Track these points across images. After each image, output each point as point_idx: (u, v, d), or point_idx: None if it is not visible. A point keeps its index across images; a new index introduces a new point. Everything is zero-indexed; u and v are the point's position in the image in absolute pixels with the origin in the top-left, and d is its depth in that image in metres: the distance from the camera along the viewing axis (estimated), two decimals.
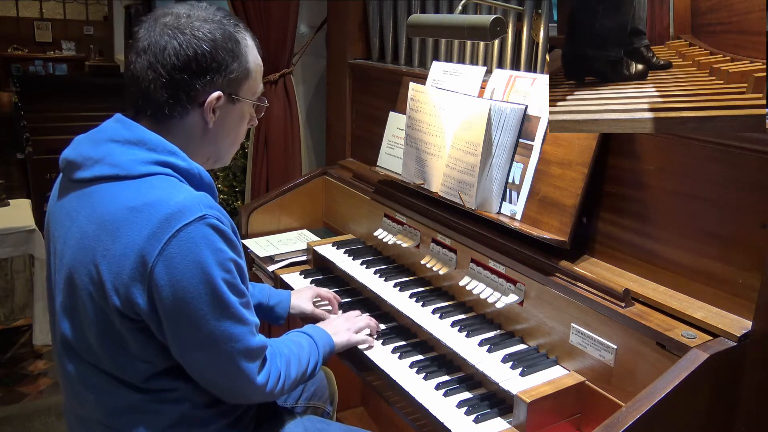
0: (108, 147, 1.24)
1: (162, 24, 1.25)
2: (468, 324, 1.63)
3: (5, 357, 3.41)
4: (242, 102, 1.34)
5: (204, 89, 1.26)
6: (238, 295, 1.24)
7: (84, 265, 1.21)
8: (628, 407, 1.11)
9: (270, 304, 1.76)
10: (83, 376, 1.30)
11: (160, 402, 1.28)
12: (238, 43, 1.29)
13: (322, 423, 1.57)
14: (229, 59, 1.27)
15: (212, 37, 1.25)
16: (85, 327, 1.25)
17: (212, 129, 1.32)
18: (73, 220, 1.25)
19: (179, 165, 1.25)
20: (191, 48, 1.23)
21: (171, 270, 1.16)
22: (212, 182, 1.32)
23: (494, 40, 1.65)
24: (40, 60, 10.45)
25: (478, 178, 1.66)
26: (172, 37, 1.23)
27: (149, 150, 1.23)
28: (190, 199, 1.19)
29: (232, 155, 1.43)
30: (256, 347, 1.29)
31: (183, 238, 1.16)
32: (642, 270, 1.44)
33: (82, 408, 1.33)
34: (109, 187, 1.22)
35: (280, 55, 2.72)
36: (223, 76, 1.27)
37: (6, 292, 3.96)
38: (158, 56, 1.23)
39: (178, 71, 1.23)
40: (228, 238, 1.22)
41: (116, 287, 1.18)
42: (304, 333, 1.54)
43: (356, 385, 2.58)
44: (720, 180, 1.27)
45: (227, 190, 3.56)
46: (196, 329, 1.20)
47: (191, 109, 1.28)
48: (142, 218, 1.17)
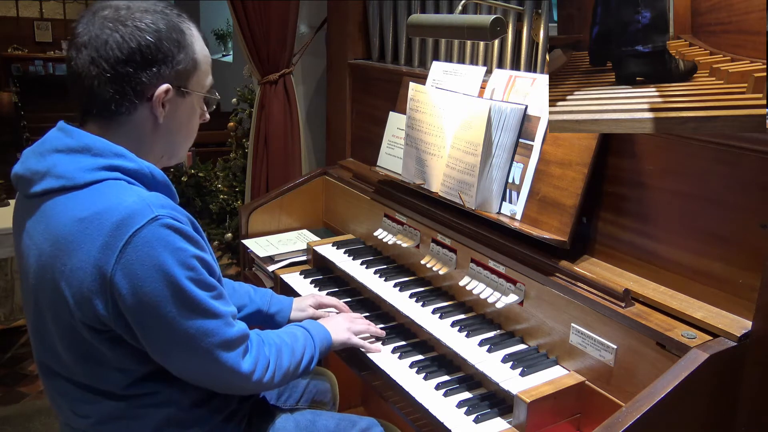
0: (53, 158, 1.20)
1: (101, 17, 1.20)
2: (468, 324, 1.63)
3: (5, 357, 3.41)
4: (192, 95, 1.29)
5: (151, 82, 1.21)
6: (207, 289, 1.21)
7: (45, 283, 1.20)
8: (628, 407, 1.11)
9: (270, 312, 1.72)
10: (63, 392, 1.29)
11: (144, 407, 1.27)
12: (183, 33, 1.24)
13: (313, 414, 1.56)
14: (175, 50, 1.23)
15: (156, 27, 1.20)
16: (57, 345, 1.24)
17: (163, 124, 1.26)
18: (32, 238, 1.22)
19: (128, 167, 1.21)
20: (134, 40, 1.18)
21: (131, 278, 1.13)
22: (166, 179, 1.28)
23: (494, 40, 1.65)
24: (40, 60, 10.43)
25: (478, 178, 1.66)
26: (113, 29, 1.18)
27: (94, 155, 1.19)
28: (139, 202, 1.15)
29: (186, 151, 1.38)
30: (235, 337, 1.26)
31: (138, 243, 1.13)
32: (642, 270, 1.44)
33: (68, 419, 1.33)
34: (58, 200, 1.18)
35: (280, 55, 2.72)
36: (170, 67, 1.22)
37: (6, 292, 3.96)
38: (100, 50, 1.18)
39: (123, 64, 1.18)
40: (187, 235, 1.18)
41: (78, 301, 1.16)
42: (300, 326, 1.53)
43: (356, 385, 2.58)
44: (720, 180, 1.27)
45: (227, 190, 3.56)
46: (168, 331, 1.18)
47: (139, 104, 1.23)
48: (93, 229, 1.13)
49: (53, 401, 1.34)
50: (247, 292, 1.72)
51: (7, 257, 3.47)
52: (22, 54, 10.23)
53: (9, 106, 7.91)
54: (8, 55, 10.06)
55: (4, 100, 8.21)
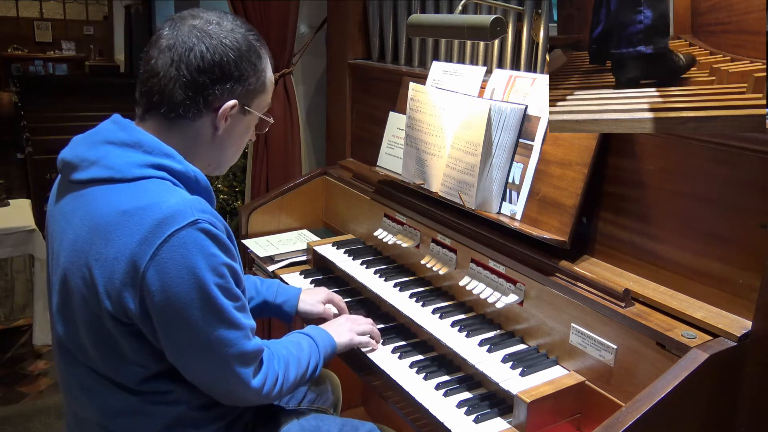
0: (104, 149, 1.24)
1: (190, 25, 1.25)
2: (468, 324, 1.63)
3: (5, 357, 3.41)
4: (252, 114, 1.36)
5: (222, 96, 1.27)
6: (232, 299, 1.24)
7: (77, 267, 1.21)
8: (628, 407, 1.11)
9: (277, 302, 1.73)
10: (79, 378, 1.30)
11: (156, 404, 1.28)
12: (260, 58, 1.32)
13: (317, 419, 1.57)
14: (250, 71, 1.30)
15: (239, 47, 1.27)
16: (80, 329, 1.25)
17: (220, 136, 1.32)
18: (69, 221, 1.25)
19: (175, 168, 1.25)
20: (218, 54, 1.24)
21: (163, 276, 1.15)
22: (209, 185, 1.32)
23: (494, 40, 1.65)
24: (40, 60, 10.44)
25: (478, 178, 1.66)
26: (200, 39, 1.24)
27: (145, 152, 1.23)
28: (182, 204, 1.18)
29: (230, 165, 1.44)
30: (251, 351, 1.28)
31: (174, 243, 1.15)
32: (642, 270, 1.44)
33: (79, 409, 1.33)
34: (103, 189, 1.22)
35: (280, 55, 2.72)
36: (242, 86, 1.29)
37: (6, 292, 3.96)
38: (183, 56, 1.23)
39: (201, 74, 1.24)
40: (221, 242, 1.21)
41: (108, 291, 1.18)
42: (304, 334, 1.54)
43: (356, 385, 2.58)
44: (720, 180, 1.27)
45: (227, 190, 3.56)
46: (189, 334, 1.20)
47: (205, 113, 1.28)
48: (133, 222, 1.16)
49: (66, 386, 1.35)
50: (254, 283, 1.74)
51: (7, 257, 3.47)
52: (22, 54, 10.24)
53: (9, 106, 7.92)
54: (8, 55, 10.07)
55: (4, 100, 8.21)
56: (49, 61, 10.44)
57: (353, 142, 2.59)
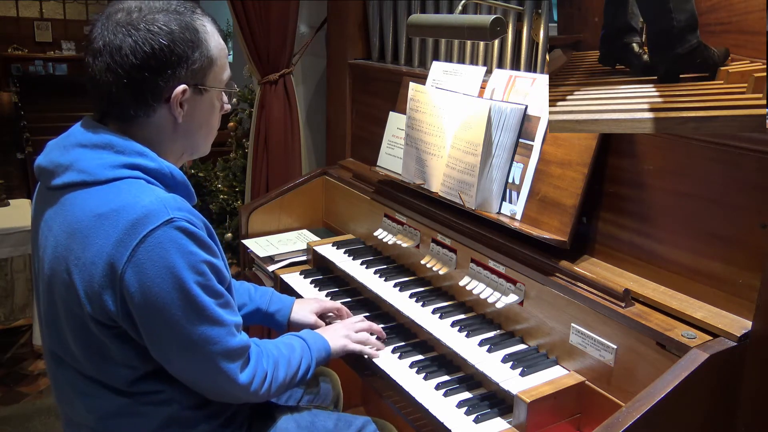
0: (76, 152, 1.22)
1: (115, 22, 1.19)
2: (468, 324, 1.63)
3: (5, 357, 3.41)
4: (210, 91, 1.29)
5: (167, 85, 1.22)
6: (214, 296, 1.22)
7: (59, 274, 1.21)
8: (628, 407, 1.11)
9: (269, 311, 1.71)
10: (69, 382, 1.29)
11: (147, 404, 1.28)
12: (197, 32, 1.24)
13: (312, 415, 1.56)
14: (189, 50, 1.22)
15: (168, 29, 1.20)
16: (67, 335, 1.25)
17: (182, 123, 1.27)
18: (50, 229, 1.24)
19: (148, 166, 1.22)
20: (147, 44, 1.18)
21: (141, 276, 1.14)
22: (186, 180, 1.29)
23: (494, 40, 1.65)
24: (40, 60, 10.42)
25: (478, 178, 1.66)
26: (126, 34, 1.18)
27: (117, 153, 1.21)
28: (156, 203, 1.16)
29: (210, 144, 1.39)
30: (237, 347, 1.27)
31: (151, 243, 1.14)
32: (642, 270, 1.44)
33: (73, 414, 1.33)
34: (78, 194, 1.20)
35: (280, 55, 2.72)
36: (186, 68, 1.23)
37: (6, 292, 3.95)
38: (115, 57, 1.18)
39: (138, 70, 1.18)
40: (199, 240, 1.19)
41: (88, 295, 1.17)
42: (298, 336, 1.53)
43: (356, 385, 2.58)
44: (720, 180, 1.27)
45: (227, 190, 3.56)
46: (172, 334, 1.19)
47: (158, 107, 1.24)
48: (109, 225, 1.15)
49: (59, 393, 1.35)
50: (248, 290, 1.72)
51: (7, 257, 3.47)
52: (22, 54, 10.23)
53: (9, 106, 7.91)
54: (8, 55, 10.05)
55: (4, 100, 8.21)
56: (49, 61, 10.42)
57: (353, 142, 2.59)
